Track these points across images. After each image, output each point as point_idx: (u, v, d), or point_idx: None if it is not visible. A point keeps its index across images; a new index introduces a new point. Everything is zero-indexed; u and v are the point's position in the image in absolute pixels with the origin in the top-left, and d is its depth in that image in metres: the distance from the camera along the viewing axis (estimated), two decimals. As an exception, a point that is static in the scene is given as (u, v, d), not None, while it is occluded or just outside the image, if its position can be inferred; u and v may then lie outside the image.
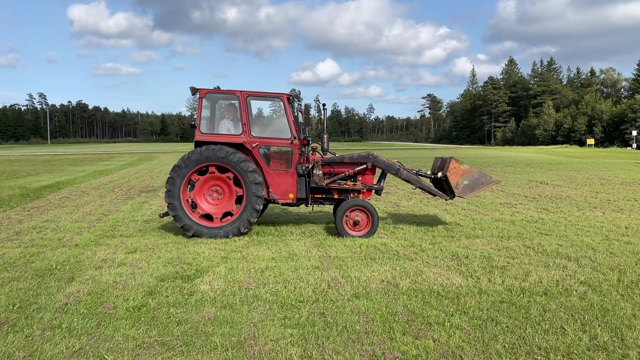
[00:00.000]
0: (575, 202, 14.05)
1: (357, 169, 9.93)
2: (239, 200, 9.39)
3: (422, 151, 60.83)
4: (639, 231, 9.85)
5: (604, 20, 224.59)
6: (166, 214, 9.79)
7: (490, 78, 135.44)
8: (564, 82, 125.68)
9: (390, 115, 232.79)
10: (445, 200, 10.31)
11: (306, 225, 10.67)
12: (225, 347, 4.60)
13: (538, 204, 13.73)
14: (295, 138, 9.49)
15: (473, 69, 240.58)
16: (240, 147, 9.41)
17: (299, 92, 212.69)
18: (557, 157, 44.03)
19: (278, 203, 9.78)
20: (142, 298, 5.89)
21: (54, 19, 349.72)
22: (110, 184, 19.88)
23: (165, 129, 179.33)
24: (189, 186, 9.44)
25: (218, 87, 9.87)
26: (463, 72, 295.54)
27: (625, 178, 21.30)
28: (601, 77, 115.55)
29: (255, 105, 10.38)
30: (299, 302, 5.76)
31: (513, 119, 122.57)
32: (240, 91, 9.47)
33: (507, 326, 5.04)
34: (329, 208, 12.73)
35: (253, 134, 9.46)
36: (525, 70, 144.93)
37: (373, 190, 10.17)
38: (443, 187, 10.31)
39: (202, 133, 9.47)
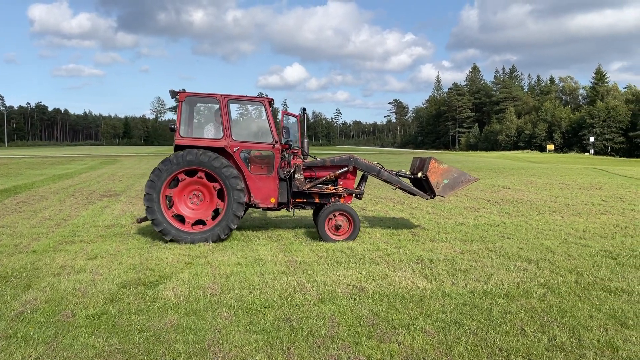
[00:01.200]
0: (536, 206, 14.44)
1: (338, 172, 9.94)
2: (216, 211, 9.26)
3: (389, 155, 61.42)
4: (596, 234, 10.19)
5: (562, 30, 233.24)
6: (144, 219, 9.60)
7: (455, 84, 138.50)
8: (525, 89, 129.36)
9: (358, 120, 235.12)
10: (426, 199, 10.43)
11: (272, 230, 10.62)
12: (189, 354, 4.52)
13: (500, 207, 14.05)
14: (277, 142, 9.43)
15: (438, 76, 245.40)
16: (221, 151, 9.28)
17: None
18: (519, 162, 45.22)
19: (259, 208, 9.67)
20: (102, 305, 5.73)
21: (13, 19, 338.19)
22: (70, 188, 19.32)
23: (128, 132, 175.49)
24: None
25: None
26: (428, 78, 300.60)
27: (583, 183, 22.02)
28: (560, 85, 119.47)
29: (236, 109, 10.19)
30: (265, 307, 5.72)
31: (477, 124, 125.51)
32: (221, 95, 9.35)
33: (470, 328, 5.13)
34: (299, 213, 12.69)
35: (234, 138, 9.35)
36: (488, 77, 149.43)
37: (353, 195, 10.19)
38: (423, 186, 10.39)
39: (182, 137, 9.28)
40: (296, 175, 9.72)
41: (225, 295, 6.14)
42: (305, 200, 9.99)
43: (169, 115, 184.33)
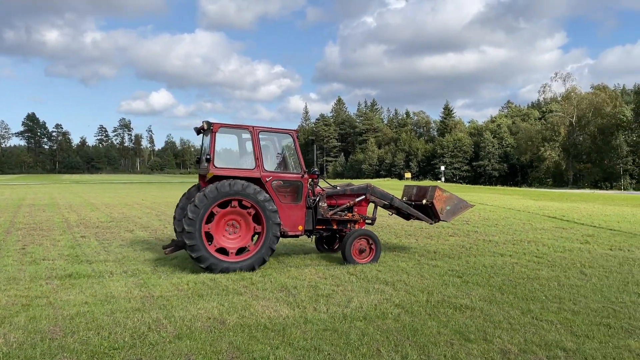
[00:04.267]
0: (394, 230, 15.33)
1: (357, 200, 10.72)
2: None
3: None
4: (445, 255, 11.06)
5: (413, 69, 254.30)
6: (172, 250, 9.70)
7: (322, 115, 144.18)
8: (385, 122, 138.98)
9: (228, 148, 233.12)
10: (430, 224, 11.40)
11: (129, 264, 9.89)
12: (16, 411, 3.93)
13: (362, 233, 14.65)
14: (305, 172, 9.89)
15: (306, 106, 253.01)
16: (255, 181, 9.43)
17: (129, 121, 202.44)
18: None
19: (287, 236, 9.90)
20: None
21: None
22: None
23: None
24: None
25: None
26: (297, 109, 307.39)
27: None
28: (414, 118, 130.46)
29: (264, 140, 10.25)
30: (113, 349, 5.23)
31: (342, 154, 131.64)
32: (253, 126, 9.67)
33: (329, 354, 5.17)
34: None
35: (266, 168, 9.61)
36: (352, 109, 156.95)
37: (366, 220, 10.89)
38: (427, 212, 11.23)
39: (216, 167, 9.25)
40: (320, 204, 10.28)
41: (68, 338, 5.52)
42: (325, 227, 10.53)
43: (15, 141, 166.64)
